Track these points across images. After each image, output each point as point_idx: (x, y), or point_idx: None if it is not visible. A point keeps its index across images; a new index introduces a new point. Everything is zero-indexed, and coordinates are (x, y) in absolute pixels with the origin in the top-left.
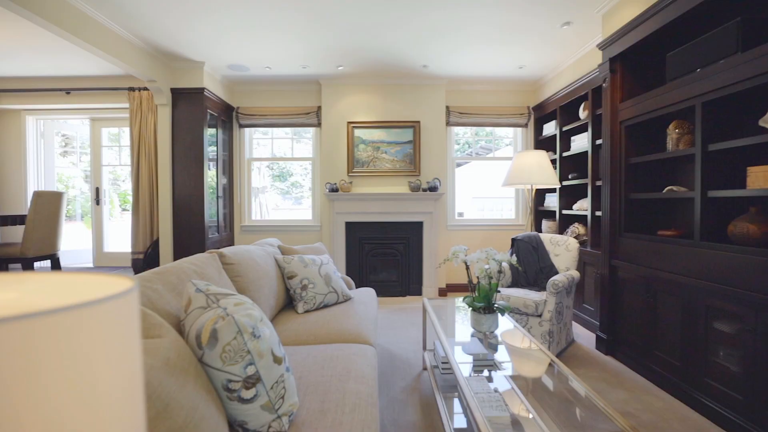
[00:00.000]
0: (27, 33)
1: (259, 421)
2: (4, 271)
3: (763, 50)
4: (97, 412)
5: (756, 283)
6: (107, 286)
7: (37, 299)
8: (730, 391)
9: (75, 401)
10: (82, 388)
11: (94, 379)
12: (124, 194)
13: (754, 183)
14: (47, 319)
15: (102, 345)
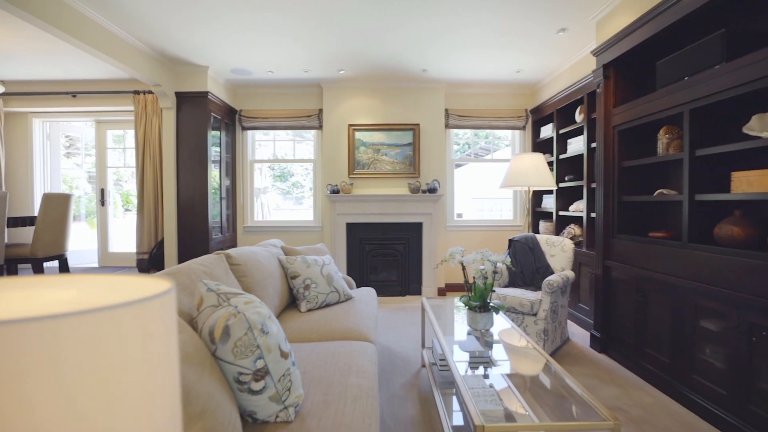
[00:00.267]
0: (36, 38)
1: (268, 411)
2: (23, 272)
3: (746, 61)
4: (150, 390)
5: (739, 284)
6: (150, 287)
7: (92, 297)
8: (715, 387)
9: (131, 381)
10: (135, 370)
11: (145, 363)
12: (126, 194)
13: (738, 187)
14: (108, 313)
15: (150, 335)
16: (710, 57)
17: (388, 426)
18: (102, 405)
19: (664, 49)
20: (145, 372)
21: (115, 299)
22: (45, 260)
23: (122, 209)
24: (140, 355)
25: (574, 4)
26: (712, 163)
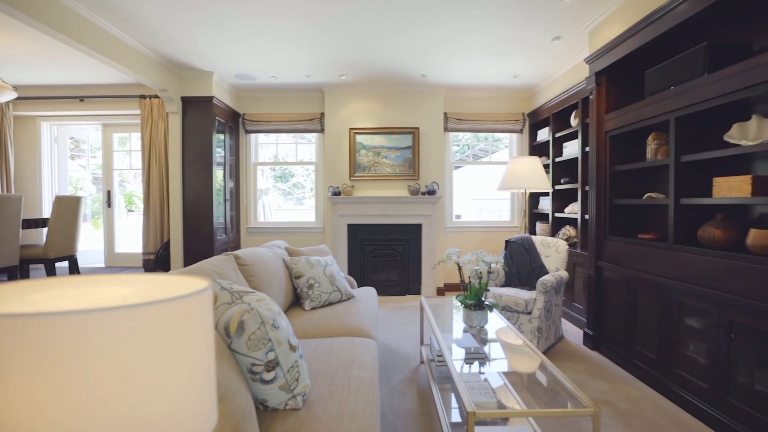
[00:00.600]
0: (47, 46)
1: (278, 399)
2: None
3: (726, 73)
4: (195, 368)
5: (720, 283)
6: (190, 284)
7: (144, 293)
8: (698, 381)
9: (181, 360)
10: (184, 351)
11: (191, 346)
12: (129, 195)
13: (719, 192)
14: (162, 305)
15: (194, 323)
16: (694, 68)
17: (387, 418)
18: (159, 378)
19: (653, 59)
20: (191, 353)
21: (164, 295)
22: (57, 261)
23: (125, 210)
24: (187, 340)
25: (568, 14)
26: (696, 169)
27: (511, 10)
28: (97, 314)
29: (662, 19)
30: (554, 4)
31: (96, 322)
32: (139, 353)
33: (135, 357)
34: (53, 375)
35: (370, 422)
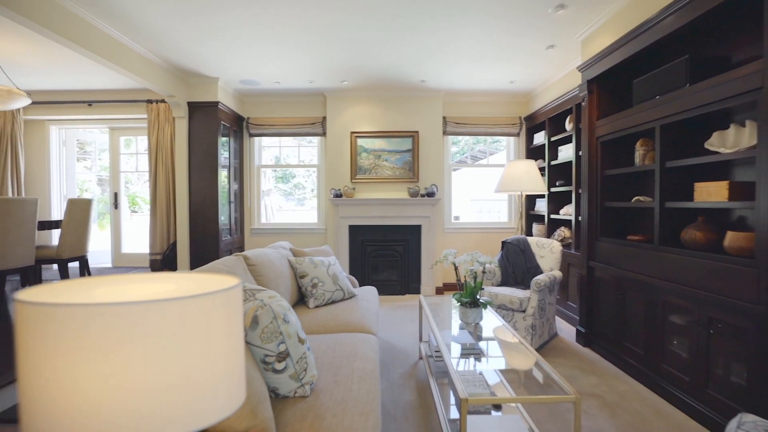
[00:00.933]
0: (57, 53)
1: (288, 387)
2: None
3: (705, 85)
4: (230, 351)
5: (700, 282)
6: (224, 282)
7: (187, 288)
8: (680, 374)
9: (220, 342)
10: (221, 337)
11: (226, 331)
12: (132, 196)
13: (700, 196)
14: (206, 298)
15: (229, 313)
16: (677, 79)
17: (388, 409)
18: (204, 356)
19: (642, 68)
20: (228, 338)
21: (204, 289)
22: (69, 261)
23: (129, 211)
24: (225, 326)
25: (561, 24)
26: (679, 174)
27: (507, 19)
28: (158, 304)
29: (649, 31)
30: (547, 14)
31: (157, 310)
32: (189, 336)
33: (186, 339)
34: (123, 351)
35: (372, 408)
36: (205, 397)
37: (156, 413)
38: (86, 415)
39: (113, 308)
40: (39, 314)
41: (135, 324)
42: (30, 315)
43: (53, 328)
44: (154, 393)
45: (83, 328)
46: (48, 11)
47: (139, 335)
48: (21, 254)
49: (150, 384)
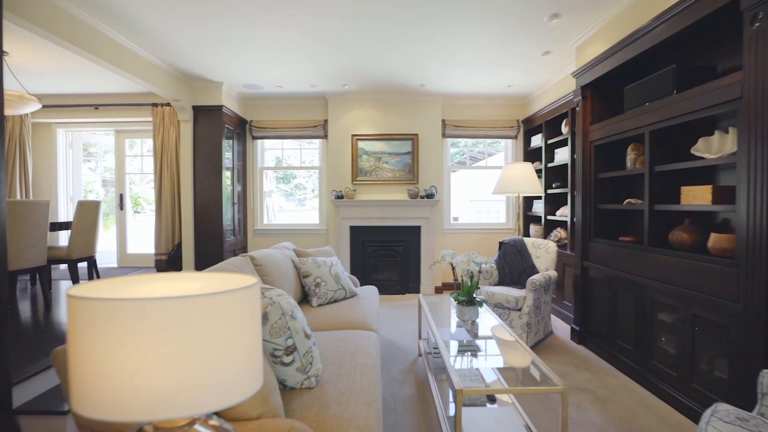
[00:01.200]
0: (65, 58)
1: (295, 379)
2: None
3: (691, 93)
4: (250, 340)
5: (686, 281)
6: (244, 281)
7: (213, 285)
8: (667, 369)
9: (243, 332)
10: (243, 328)
11: (248, 324)
12: (135, 197)
13: (686, 199)
14: (230, 294)
15: (250, 307)
16: (665, 87)
17: (388, 403)
18: (229, 344)
19: (633, 75)
20: (248, 329)
21: (229, 287)
22: (79, 261)
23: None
24: (246, 318)
25: (556, 32)
26: (667, 178)
27: (504, 27)
28: (193, 299)
29: (640, 40)
30: (542, 23)
31: (192, 304)
32: (217, 327)
33: (214, 329)
34: (162, 339)
35: (374, 398)
36: (230, 380)
37: (189, 393)
38: (129, 393)
39: (154, 303)
40: (90, 308)
41: (173, 316)
42: (82, 308)
43: (102, 319)
44: (187, 375)
45: (129, 319)
46: (58, 19)
47: (176, 325)
48: (34, 255)
49: (184, 367)
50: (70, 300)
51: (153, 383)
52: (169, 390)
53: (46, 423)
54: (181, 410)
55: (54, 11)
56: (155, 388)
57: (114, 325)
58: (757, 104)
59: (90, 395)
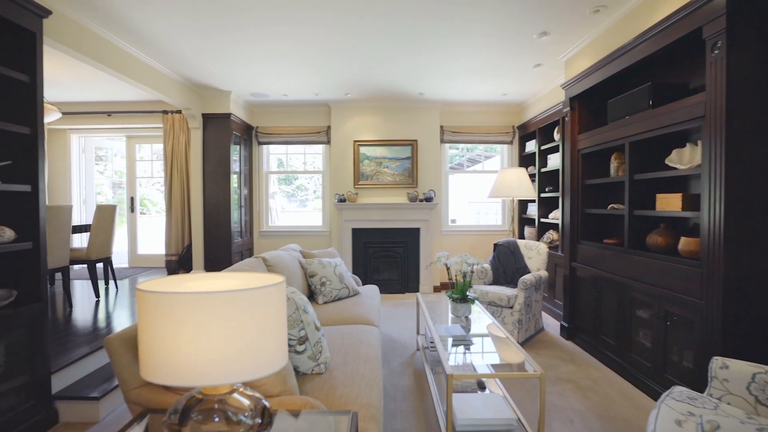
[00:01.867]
0: (82, 69)
1: (307, 366)
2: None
3: (665, 109)
4: (278, 326)
5: (660, 281)
6: (274, 279)
7: (249, 283)
8: (644, 361)
9: (273, 320)
10: (274, 316)
11: (277, 312)
12: (141, 199)
13: (661, 206)
14: (263, 290)
15: (278, 300)
16: (642, 103)
17: (388, 391)
18: (258, 333)
19: (618, 89)
20: (276, 316)
21: (262, 284)
22: (97, 262)
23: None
24: (275, 308)
25: (547, 46)
26: (645, 185)
27: (497, 42)
28: (237, 293)
29: (622, 57)
30: (533, 40)
31: (236, 297)
32: (255, 315)
33: (252, 316)
34: (212, 324)
35: (375, 382)
36: (263, 357)
37: (231, 365)
38: (186, 364)
39: (208, 296)
40: (157, 300)
41: (221, 306)
42: (150, 300)
43: (166, 308)
44: (231, 351)
45: (188, 308)
46: (86, 40)
47: (223, 313)
48: (58, 256)
49: (228, 346)
50: (139, 293)
51: (204, 357)
52: (216, 362)
53: (80, 407)
54: (225, 378)
55: (85, 34)
56: (205, 361)
57: (176, 313)
58: (716, 122)
59: (156, 366)
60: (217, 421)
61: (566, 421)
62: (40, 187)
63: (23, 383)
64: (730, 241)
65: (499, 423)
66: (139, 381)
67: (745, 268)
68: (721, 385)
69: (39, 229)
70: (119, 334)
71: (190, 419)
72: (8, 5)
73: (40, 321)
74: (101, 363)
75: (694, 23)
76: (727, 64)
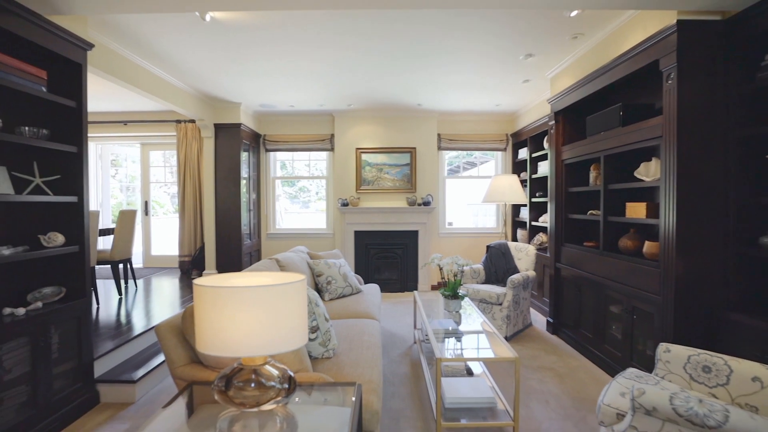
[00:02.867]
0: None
1: (318, 351)
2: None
3: (632, 128)
4: (300, 314)
5: (628, 279)
6: (296, 277)
7: (279, 280)
8: (615, 351)
9: (297, 310)
10: (298, 306)
11: (299, 303)
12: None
13: (629, 213)
14: (290, 285)
15: (300, 296)
16: (614, 121)
17: (388, 378)
18: (286, 317)
19: (598, 106)
20: (299, 305)
21: (289, 280)
22: (119, 263)
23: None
24: (299, 299)
25: (533, 66)
26: (618, 194)
27: (488, 60)
28: (274, 287)
29: (598, 79)
30: (519, 61)
31: (270, 290)
32: (285, 303)
33: (283, 305)
34: (253, 311)
35: (376, 364)
36: (289, 335)
37: (267, 341)
38: (231, 339)
39: (250, 289)
40: (210, 292)
41: (260, 297)
42: (205, 292)
43: (217, 299)
44: (266, 330)
45: (235, 299)
46: (117, 64)
47: (261, 302)
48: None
49: (264, 326)
50: (196, 287)
51: (245, 334)
52: (254, 338)
53: (118, 389)
54: (261, 351)
55: (118, 60)
56: (246, 337)
57: (225, 302)
58: (670, 142)
59: (209, 341)
60: (253, 387)
61: (543, 402)
62: (85, 198)
63: (72, 368)
64: (681, 245)
65: (481, 401)
66: (183, 360)
67: (694, 268)
68: (664, 366)
69: (84, 234)
70: (166, 323)
71: (232, 385)
72: (59, 41)
73: (85, 314)
74: (133, 352)
75: (652, 56)
76: (678, 93)
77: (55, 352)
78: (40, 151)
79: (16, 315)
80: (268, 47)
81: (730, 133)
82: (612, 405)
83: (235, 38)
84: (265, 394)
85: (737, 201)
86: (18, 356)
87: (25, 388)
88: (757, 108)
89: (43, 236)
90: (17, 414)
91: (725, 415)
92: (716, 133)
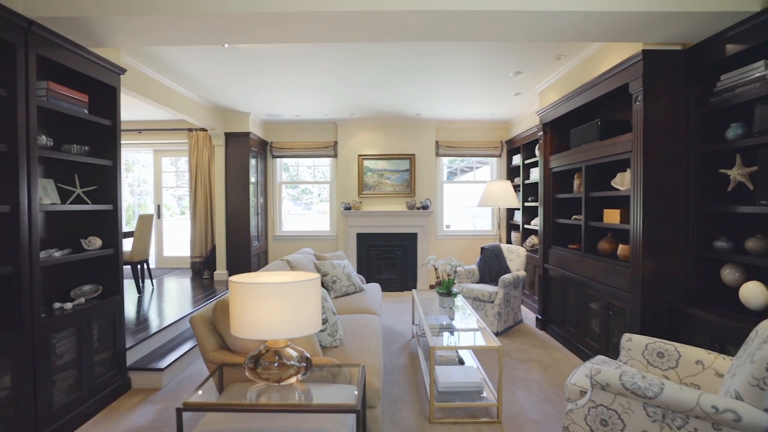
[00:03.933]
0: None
1: (326, 341)
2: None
3: (609, 142)
4: (315, 305)
5: (605, 279)
6: (312, 275)
7: (298, 278)
8: (594, 343)
9: (312, 303)
10: (313, 300)
11: (314, 296)
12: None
13: (607, 219)
14: (307, 282)
15: (315, 291)
16: (593, 135)
17: (388, 368)
18: (303, 308)
19: (582, 119)
20: (314, 299)
21: (306, 277)
22: (138, 264)
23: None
24: (313, 293)
25: (523, 80)
26: (597, 201)
27: (481, 73)
28: (294, 283)
29: (580, 95)
30: (509, 77)
31: (292, 285)
32: (303, 297)
33: (302, 297)
34: (277, 302)
35: (377, 351)
36: (305, 322)
37: (288, 326)
38: (259, 325)
39: (275, 285)
40: (242, 287)
41: (284, 291)
42: (240, 287)
43: (248, 292)
44: (287, 318)
45: (264, 292)
46: (136, 80)
47: (284, 295)
48: None
49: (286, 315)
50: (231, 284)
51: (270, 321)
52: (278, 325)
53: (148, 376)
54: (284, 335)
55: (143, 80)
56: (272, 323)
57: (255, 296)
58: (637, 156)
59: (242, 326)
60: (276, 366)
61: (526, 389)
62: (119, 206)
63: (108, 356)
64: (647, 248)
65: (470, 385)
66: (213, 346)
67: (658, 268)
68: (627, 353)
69: (118, 238)
70: (199, 314)
71: (260, 364)
72: (98, 69)
73: (119, 309)
74: (156, 345)
75: (622, 80)
76: (644, 113)
77: (96, 342)
78: (80, 165)
79: (65, 309)
80: (278, 63)
81: (690, 149)
82: (577, 384)
83: (248, 58)
84: (286, 371)
85: (696, 209)
86: (67, 345)
87: (73, 372)
88: (712, 128)
89: (84, 240)
90: (67, 394)
91: (661, 387)
92: (678, 148)
